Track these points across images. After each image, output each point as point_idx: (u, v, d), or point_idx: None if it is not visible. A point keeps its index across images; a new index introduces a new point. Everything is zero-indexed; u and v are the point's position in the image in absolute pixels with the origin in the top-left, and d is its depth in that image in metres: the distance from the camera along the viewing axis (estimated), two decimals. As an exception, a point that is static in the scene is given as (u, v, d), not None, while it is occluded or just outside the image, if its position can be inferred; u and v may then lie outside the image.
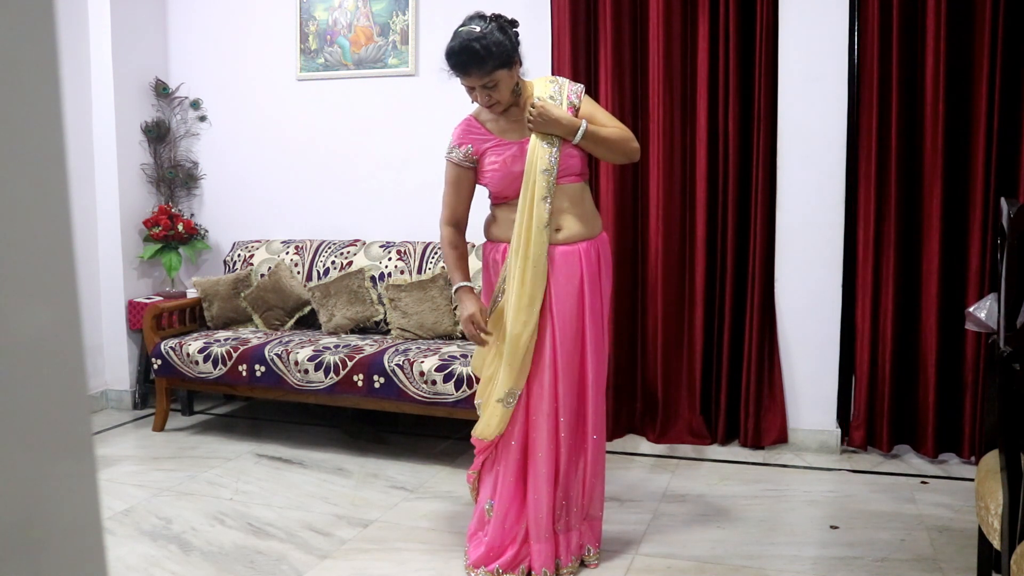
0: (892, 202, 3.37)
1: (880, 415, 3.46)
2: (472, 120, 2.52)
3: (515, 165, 2.41)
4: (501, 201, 2.49)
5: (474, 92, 2.38)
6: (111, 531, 2.84)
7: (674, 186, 3.65)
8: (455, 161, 2.50)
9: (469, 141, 2.48)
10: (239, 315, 4.19)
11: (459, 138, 2.50)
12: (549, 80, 2.51)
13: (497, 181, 2.45)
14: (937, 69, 3.27)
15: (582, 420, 2.48)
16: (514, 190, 2.42)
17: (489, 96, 2.37)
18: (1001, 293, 2.02)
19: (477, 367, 2.60)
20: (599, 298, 2.50)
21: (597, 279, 2.49)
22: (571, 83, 2.51)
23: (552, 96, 2.44)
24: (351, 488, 3.25)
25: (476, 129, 2.49)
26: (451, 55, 2.32)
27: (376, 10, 4.20)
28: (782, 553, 2.63)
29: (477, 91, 2.37)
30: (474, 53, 2.29)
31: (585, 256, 2.46)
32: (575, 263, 2.43)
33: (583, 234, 2.46)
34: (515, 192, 2.41)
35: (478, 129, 2.49)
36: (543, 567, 2.42)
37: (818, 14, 3.44)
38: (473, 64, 2.30)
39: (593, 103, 2.55)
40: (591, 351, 2.47)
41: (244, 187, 4.55)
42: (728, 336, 3.62)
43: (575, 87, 2.50)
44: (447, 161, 2.53)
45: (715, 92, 3.57)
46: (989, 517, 1.95)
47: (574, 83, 2.52)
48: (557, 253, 2.41)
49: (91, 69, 4.24)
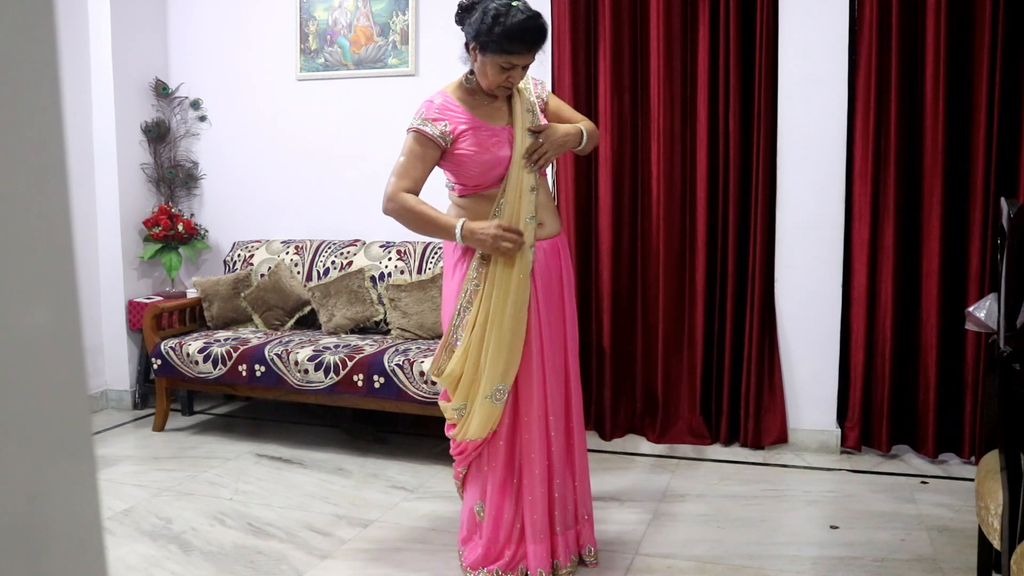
0: (892, 202, 3.37)
1: (879, 415, 3.46)
2: (449, 96, 2.36)
3: (501, 150, 2.32)
4: (471, 192, 2.36)
5: (505, 73, 2.27)
6: (111, 531, 2.84)
7: (674, 186, 3.65)
8: (429, 134, 2.30)
9: (447, 118, 2.32)
10: (239, 315, 4.19)
11: (437, 112, 2.32)
12: None
13: (478, 166, 2.32)
14: (937, 69, 3.27)
15: (567, 416, 2.47)
16: (492, 178, 2.34)
17: (519, 77, 2.30)
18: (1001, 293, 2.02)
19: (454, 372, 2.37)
20: (572, 294, 2.50)
21: (569, 274, 2.50)
22: (535, 78, 2.51)
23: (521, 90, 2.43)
24: (351, 488, 3.25)
25: (455, 108, 2.34)
26: (526, 30, 2.20)
27: (376, 10, 4.20)
28: (782, 553, 2.63)
29: (514, 71, 2.27)
30: (544, 30, 2.24)
31: (562, 251, 2.47)
32: (555, 258, 2.43)
33: (557, 229, 2.47)
34: (493, 181, 2.34)
35: (457, 108, 2.34)
36: (540, 568, 2.38)
37: (818, 15, 3.44)
38: (541, 41, 2.24)
39: (555, 97, 2.57)
40: (571, 346, 2.47)
41: (244, 187, 4.55)
42: (728, 336, 3.62)
43: (541, 84, 2.52)
44: (416, 132, 2.31)
45: (715, 92, 3.57)
46: (989, 517, 1.95)
47: (538, 79, 2.53)
48: (539, 248, 2.38)
49: (91, 69, 4.24)
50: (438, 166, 2.39)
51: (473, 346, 2.34)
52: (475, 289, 2.34)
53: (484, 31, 2.22)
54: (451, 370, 2.38)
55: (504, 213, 2.32)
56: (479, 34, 2.24)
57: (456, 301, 2.38)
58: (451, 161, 2.36)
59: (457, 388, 2.40)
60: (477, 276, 2.34)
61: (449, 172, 2.41)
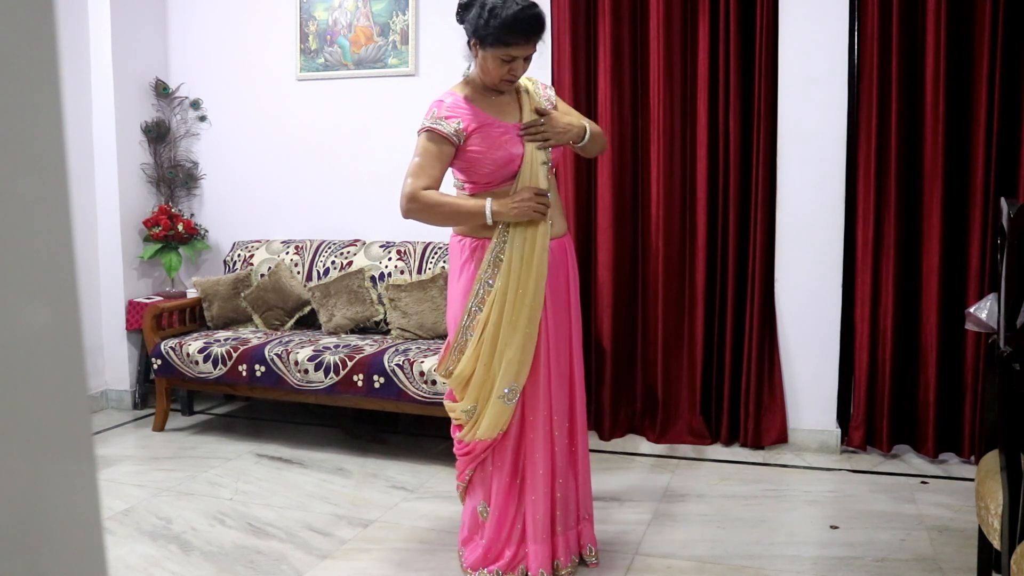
0: (892, 202, 3.37)
1: (880, 415, 3.46)
2: (458, 96, 2.36)
3: (514, 147, 2.32)
4: (482, 190, 2.35)
5: (506, 66, 2.28)
6: (111, 531, 2.84)
7: (674, 186, 3.65)
8: (443, 132, 2.29)
9: (459, 116, 2.31)
10: (239, 315, 4.19)
11: (449, 110, 2.31)
12: (525, 76, 2.47)
13: (490, 163, 2.31)
14: (937, 69, 3.27)
15: (572, 416, 2.47)
16: (504, 175, 2.33)
17: (521, 68, 2.31)
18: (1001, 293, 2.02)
19: (464, 373, 2.37)
20: (577, 294, 2.51)
21: (575, 274, 2.51)
22: (543, 83, 2.53)
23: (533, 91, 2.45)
24: (351, 488, 3.25)
25: (465, 106, 2.34)
26: (521, 20, 2.21)
27: (376, 10, 4.20)
28: (782, 553, 2.63)
29: (516, 63, 2.28)
30: (540, 19, 2.25)
31: (569, 251, 2.47)
32: (563, 258, 2.44)
33: (564, 229, 2.48)
34: (505, 178, 2.33)
35: (468, 106, 2.34)
36: (540, 568, 2.38)
37: (818, 14, 3.44)
38: (539, 30, 2.25)
39: (563, 101, 2.58)
40: (575, 347, 2.47)
41: (244, 187, 4.55)
42: (728, 336, 3.62)
43: (550, 88, 2.53)
44: (429, 131, 2.30)
45: (715, 92, 3.57)
46: (989, 517, 1.95)
47: (546, 84, 2.55)
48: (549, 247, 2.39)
49: (91, 69, 4.24)
50: (451, 166, 2.38)
51: (485, 346, 2.32)
52: (488, 289, 2.32)
53: (482, 25, 2.24)
54: (461, 371, 2.37)
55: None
56: (477, 28, 2.26)
57: (465, 302, 2.36)
58: (463, 159, 2.35)
59: (467, 389, 2.38)
60: (490, 276, 2.32)
61: (460, 171, 2.39)
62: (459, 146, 2.32)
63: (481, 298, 2.33)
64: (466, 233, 2.41)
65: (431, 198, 2.28)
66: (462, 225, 2.40)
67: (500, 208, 2.27)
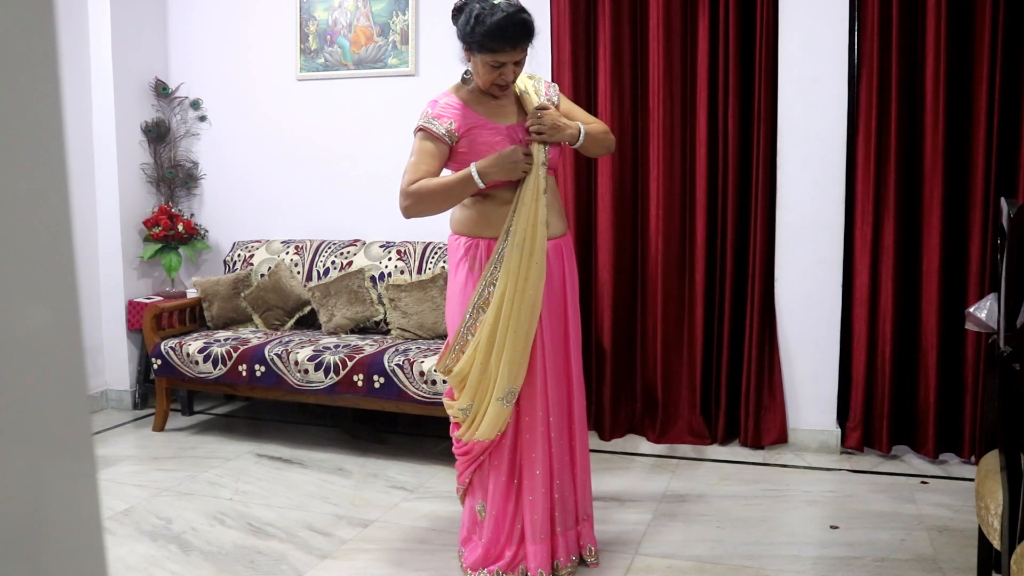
0: (892, 202, 3.37)
1: (879, 415, 3.46)
2: (453, 97, 2.39)
3: (505, 148, 2.32)
4: (477, 192, 2.34)
5: (496, 71, 2.29)
6: (111, 531, 2.84)
7: (674, 186, 3.65)
8: (437, 133, 2.32)
9: (452, 117, 2.34)
10: (239, 315, 4.19)
11: (442, 111, 2.35)
12: (528, 75, 2.48)
13: None
14: (937, 69, 3.27)
15: (569, 417, 2.46)
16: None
17: (511, 74, 2.31)
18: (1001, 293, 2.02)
19: (462, 370, 2.39)
20: (575, 294, 2.50)
21: (573, 275, 2.50)
22: (547, 81, 2.52)
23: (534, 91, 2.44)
24: (351, 488, 3.25)
25: (458, 107, 2.36)
26: (504, 27, 2.21)
27: (376, 10, 4.20)
28: (782, 553, 2.63)
29: (505, 69, 2.29)
30: (526, 25, 2.24)
31: (566, 251, 2.47)
32: (559, 258, 2.43)
33: (562, 229, 2.47)
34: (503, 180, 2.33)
35: (461, 107, 2.36)
36: (540, 568, 2.38)
37: (818, 14, 3.44)
38: (524, 37, 2.25)
39: (567, 99, 2.57)
40: (573, 347, 2.47)
41: (244, 187, 4.55)
42: (728, 336, 3.62)
43: (553, 87, 2.52)
44: (423, 130, 2.34)
45: (715, 92, 3.57)
46: (989, 517, 1.95)
47: (550, 82, 2.53)
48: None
49: (91, 69, 4.24)
50: (445, 167, 2.39)
51: (483, 345, 2.33)
52: (492, 291, 2.33)
53: (468, 32, 2.26)
54: (460, 368, 2.39)
55: (520, 216, 2.30)
56: (465, 35, 2.28)
57: (465, 300, 2.37)
58: (456, 161, 2.37)
59: (464, 387, 2.39)
60: (494, 277, 2.32)
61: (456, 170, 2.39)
62: (452, 147, 2.35)
63: (485, 299, 2.34)
64: (463, 232, 2.42)
65: (422, 187, 2.30)
66: (459, 197, 2.37)
67: (484, 166, 2.27)
